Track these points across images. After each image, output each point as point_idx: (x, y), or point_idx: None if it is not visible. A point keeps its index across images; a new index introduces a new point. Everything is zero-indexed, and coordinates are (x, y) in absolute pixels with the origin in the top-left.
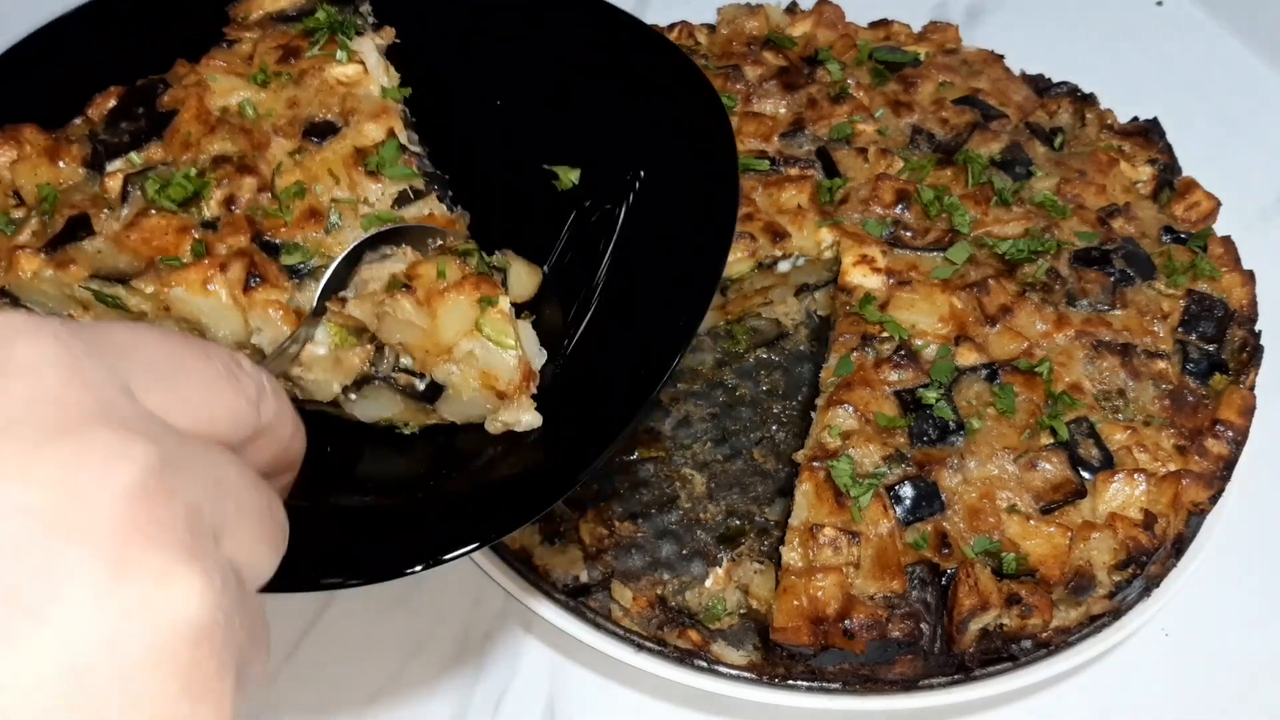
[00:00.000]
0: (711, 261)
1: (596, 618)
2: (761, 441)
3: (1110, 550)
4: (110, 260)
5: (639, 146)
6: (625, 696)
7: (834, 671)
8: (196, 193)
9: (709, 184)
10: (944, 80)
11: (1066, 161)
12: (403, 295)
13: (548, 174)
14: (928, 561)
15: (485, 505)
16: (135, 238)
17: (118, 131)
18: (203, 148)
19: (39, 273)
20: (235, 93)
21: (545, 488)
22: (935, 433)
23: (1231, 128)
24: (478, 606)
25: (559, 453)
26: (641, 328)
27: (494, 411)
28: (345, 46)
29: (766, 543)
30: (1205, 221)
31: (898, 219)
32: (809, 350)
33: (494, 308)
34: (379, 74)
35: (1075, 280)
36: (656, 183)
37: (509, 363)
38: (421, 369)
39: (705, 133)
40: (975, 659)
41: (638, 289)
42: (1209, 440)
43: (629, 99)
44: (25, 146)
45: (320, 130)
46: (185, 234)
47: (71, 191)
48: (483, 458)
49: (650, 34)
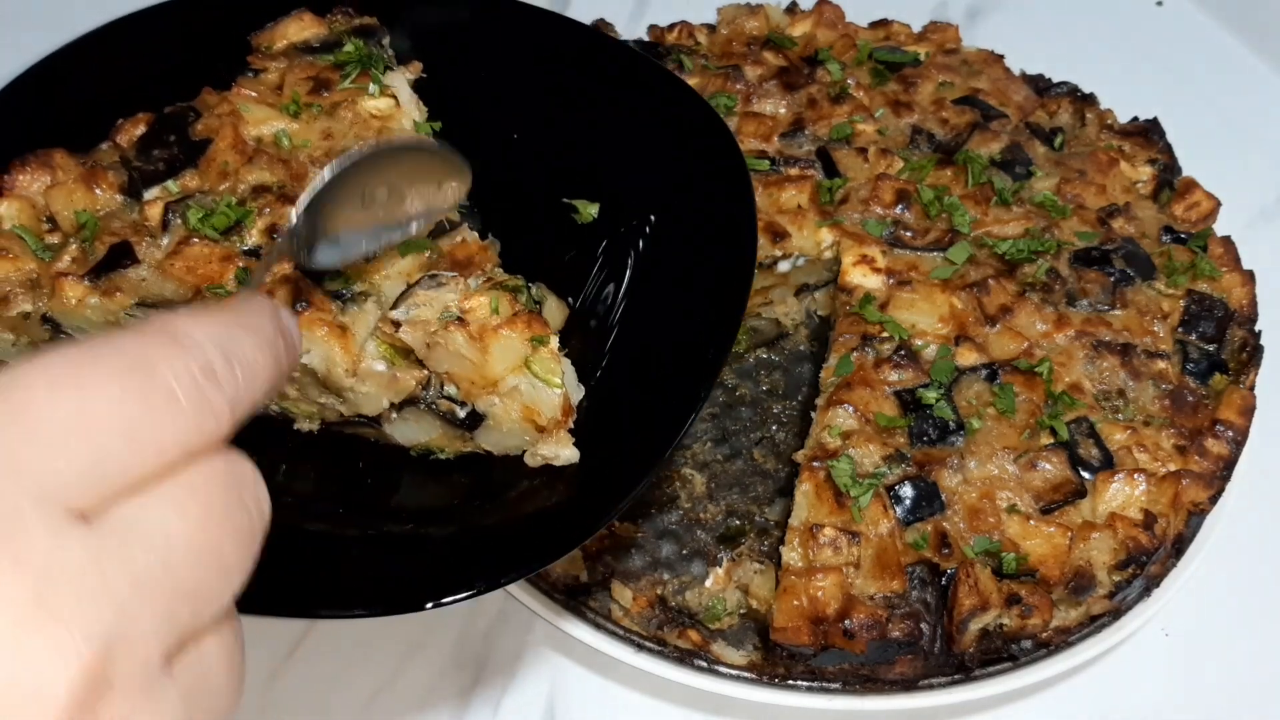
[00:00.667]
0: (735, 293)
1: (596, 618)
2: (761, 441)
3: (1110, 550)
4: (155, 288)
5: (656, 181)
6: (625, 696)
7: (834, 671)
8: (239, 221)
9: (728, 217)
10: (944, 80)
11: (1066, 161)
12: (456, 328)
13: (568, 208)
14: (928, 561)
15: (520, 538)
16: (180, 265)
17: (151, 159)
18: (241, 177)
19: (84, 300)
20: (269, 123)
21: (580, 522)
22: (935, 433)
23: (1231, 128)
24: (478, 607)
25: (592, 487)
26: (669, 361)
27: (533, 444)
28: (378, 80)
29: (766, 543)
30: (1205, 221)
31: (898, 219)
32: (809, 350)
33: (545, 347)
34: (411, 108)
35: (1075, 280)
36: (675, 216)
37: (553, 400)
38: (465, 398)
39: (721, 171)
40: (975, 659)
41: (661, 321)
42: (1209, 440)
43: (646, 136)
44: (59, 172)
45: None
46: (229, 262)
47: (110, 219)
48: (517, 489)
49: (665, 73)
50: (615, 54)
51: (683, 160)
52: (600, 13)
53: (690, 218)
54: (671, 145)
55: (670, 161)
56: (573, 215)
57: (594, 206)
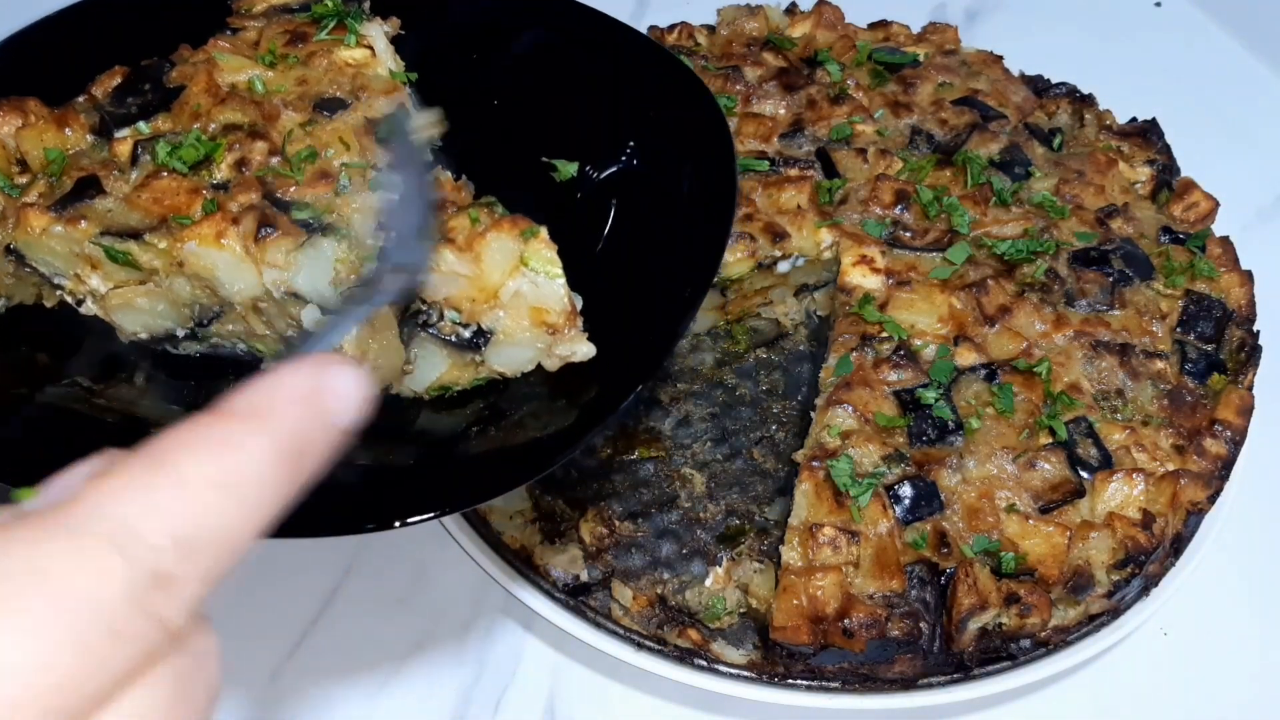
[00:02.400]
0: (717, 232)
1: (596, 617)
2: (761, 441)
3: (1109, 550)
4: (121, 218)
5: (633, 136)
6: (625, 695)
7: (833, 670)
8: (208, 156)
9: (705, 166)
10: (943, 81)
11: (1065, 162)
12: (444, 246)
13: (546, 167)
14: (927, 561)
15: (509, 457)
16: (146, 197)
17: (124, 105)
18: (212, 117)
19: (48, 229)
20: (244, 70)
21: (557, 444)
22: (934, 432)
23: (1230, 128)
24: (478, 606)
25: (581, 405)
26: (655, 286)
27: (547, 350)
28: (354, 31)
29: (766, 542)
30: (1204, 222)
31: (897, 219)
32: (809, 350)
33: (536, 238)
34: (386, 58)
35: (1074, 280)
36: (651, 168)
37: (558, 292)
38: (469, 319)
39: (697, 120)
40: (974, 658)
41: (639, 267)
42: (1207, 440)
43: (623, 96)
44: (30, 115)
45: (330, 105)
46: (197, 195)
47: (79, 156)
48: (517, 414)
49: (641, 37)
50: (595, 21)
51: (659, 114)
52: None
53: (666, 165)
54: (649, 102)
55: (647, 117)
56: (551, 174)
57: (573, 166)
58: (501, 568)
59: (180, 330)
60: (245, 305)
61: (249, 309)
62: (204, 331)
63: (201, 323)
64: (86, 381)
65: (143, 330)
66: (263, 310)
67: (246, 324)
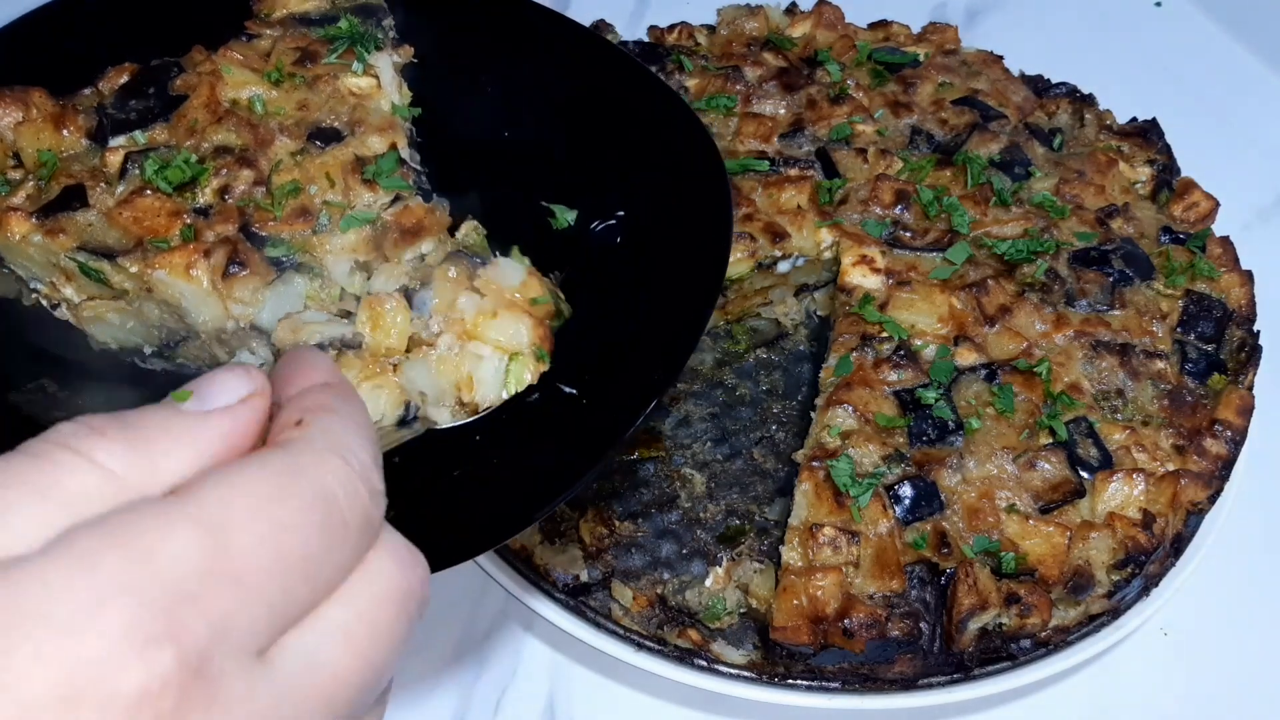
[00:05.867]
0: (714, 267)
1: (597, 617)
2: (761, 441)
3: (1109, 550)
4: (100, 234)
5: (634, 184)
6: (625, 696)
7: (833, 671)
8: (194, 178)
9: (700, 220)
10: (943, 81)
11: (1065, 162)
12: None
13: (544, 211)
14: (927, 561)
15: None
16: (127, 215)
17: (126, 109)
18: (206, 136)
19: (28, 236)
20: (248, 86)
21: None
22: (934, 432)
23: (1230, 128)
24: (478, 606)
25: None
26: (648, 332)
27: (449, 406)
28: (362, 59)
29: (766, 542)
30: (1204, 222)
31: (897, 219)
32: (809, 350)
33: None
34: (391, 90)
35: (1074, 280)
36: (649, 221)
37: (494, 390)
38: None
39: (698, 174)
40: (974, 658)
41: (640, 305)
42: (1207, 440)
43: (629, 141)
44: (32, 110)
45: (325, 135)
46: (177, 218)
47: (71, 161)
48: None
49: (663, 86)
50: (609, 59)
51: (661, 166)
52: (600, 13)
53: (666, 218)
54: (654, 151)
55: (649, 167)
56: (549, 219)
57: (571, 214)
58: (501, 568)
59: (148, 348)
60: (209, 335)
61: (213, 338)
62: (170, 352)
63: (169, 344)
64: (53, 386)
65: (112, 342)
66: (225, 341)
67: (211, 351)
